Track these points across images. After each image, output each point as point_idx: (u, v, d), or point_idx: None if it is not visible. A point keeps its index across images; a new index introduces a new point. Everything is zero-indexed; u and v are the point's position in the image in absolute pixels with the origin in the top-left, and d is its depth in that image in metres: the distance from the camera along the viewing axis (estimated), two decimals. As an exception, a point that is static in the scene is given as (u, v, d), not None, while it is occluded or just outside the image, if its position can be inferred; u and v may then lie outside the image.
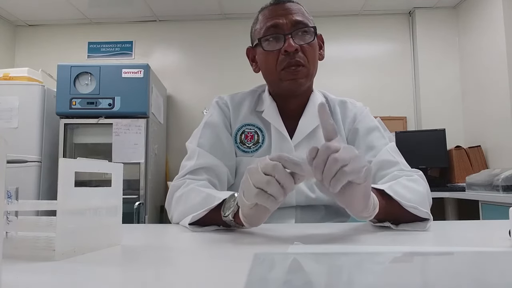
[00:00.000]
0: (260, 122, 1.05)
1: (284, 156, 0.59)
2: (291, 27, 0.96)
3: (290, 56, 0.95)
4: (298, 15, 0.98)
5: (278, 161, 0.59)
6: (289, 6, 0.99)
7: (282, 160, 0.59)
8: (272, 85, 1.05)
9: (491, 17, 3.03)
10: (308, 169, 0.57)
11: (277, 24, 0.97)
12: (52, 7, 3.51)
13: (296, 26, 0.96)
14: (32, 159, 2.79)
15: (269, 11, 1.00)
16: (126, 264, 0.51)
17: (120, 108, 2.87)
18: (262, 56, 1.00)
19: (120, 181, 0.60)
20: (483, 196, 2.32)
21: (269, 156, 0.61)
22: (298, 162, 0.58)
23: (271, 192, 0.58)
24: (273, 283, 0.37)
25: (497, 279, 0.37)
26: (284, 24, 0.96)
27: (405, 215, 0.74)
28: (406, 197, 0.75)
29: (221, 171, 0.99)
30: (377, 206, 0.68)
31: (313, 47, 0.99)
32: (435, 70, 3.50)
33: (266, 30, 0.98)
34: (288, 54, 0.95)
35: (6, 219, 0.53)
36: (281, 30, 0.96)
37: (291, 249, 0.55)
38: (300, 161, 0.58)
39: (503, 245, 0.57)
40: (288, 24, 0.96)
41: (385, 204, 0.71)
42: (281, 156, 0.59)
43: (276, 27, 0.97)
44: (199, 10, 3.59)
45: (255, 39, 1.03)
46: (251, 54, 1.08)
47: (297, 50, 0.95)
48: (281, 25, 0.97)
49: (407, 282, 0.37)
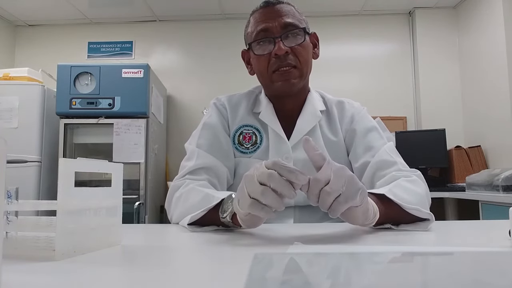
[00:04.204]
0: (257, 123, 1.06)
1: (279, 163, 0.57)
2: (280, 29, 0.96)
3: (280, 59, 0.95)
4: (288, 16, 0.98)
5: (273, 168, 0.57)
6: (279, 8, 0.99)
7: (277, 167, 0.57)
8: (266, 87, 1.06)
9: (491, 17, 3.03)
10: (304, 178, 0.57)
11: (266, 28, 0.97)
12: (52, 7, 3.51)
13: (286, 29, 0.96)
14: (32, 159, 2.79)
15: (259, 14, 1.00)
16: (126, 264, 0.51)
17: (120, 108, 2.87)
18: (255, 59, 1.01)
19: (120, 181, 0.60)
20: (483, 196, 2.32)
21: (265, 162, 0.59)
22: (293, 169, 0.57)
23: (266, 203, 0.57)
24: (273, 283, 0.37)
25: (497, 279, 0.37)
26: (274, 27, 0.96)
27: (405, 217, 0.74)
28: (406, 200, 0.75)
29: (220, 171, 0.99)
30: (377, 213, 0.68)
31: (304, 48, 0.98)
32: (435, 70, 3.50)
33: (257, 34, 0.98)
34: (278, 57, 0.95)
35: (6, 219, 0.53)
36: (271, 34, 0.96)
37: (291, 249, 0.55)
38: (295, 168, 0.57)
39: (503, 245, 0.57)
40: (278, 27, 0.96)
41: (385, 209, 0.71)
42: (276, 163, 0.57)
43: (265, 31, 0.97)
44: (199, 10, 3.59)
45: (247, 43, 1.03)
46: (246, 56, 1.08)
47: (287, 52, 0.95)
48: (270, 28, 0.96)
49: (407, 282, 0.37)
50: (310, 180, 0.57)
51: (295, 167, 0.57)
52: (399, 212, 0.73)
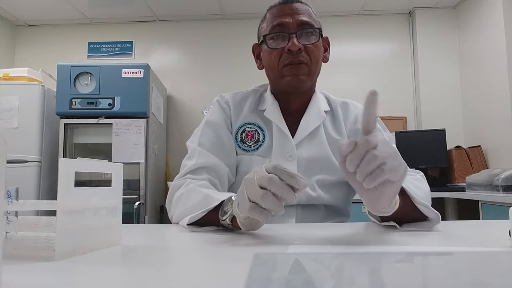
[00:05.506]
0: (261, 121, 1.06)
1: (279, 168, 0.57)
2: (296, 27, 0.97)
3: (293, 55, 0.96)
4: (305, 15, 0.99)
5: (274, 172, 0.57)
6: (297, 6, 1.00)
7: (278, 172, 0.57)
8: (274, 82, 1.06)
9: (491, 17, 3.03)
10: (303, 183, 0.57)
11: (283, 23, 0.98)
12: (52, 7, 3.51)
13: (302, 27, 0.97)
14: (32, 159, 2.79)
15: (277, 10, 1.01)
16: (126, 264, 0.51)
17: (120, 108, 2.87)
18: (266, 53, 1.01)
19: (120, 181, 0.60)
20: (483, 196, 2.32)
21: (265, 166, 0.59)
22: (293, 174, 0.57)
23: (266, 207, 0.57)
24: (274, 283, 0.37)
25: (497, 279, 0.37)
26: (290, 24, 0.98)
27: (409, 213, 0.72)
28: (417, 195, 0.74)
29: (221, 171, 0.99)
30: (397, 203, 0.65)
31: (317, 48, 1.00)
32: (435, 70, 3.50)
33: (272, 28, 0.99)
34: (291, 53, 0.96)
35: (6, 219, 0.53)
36: (287, 29, 0.98)
37: (291, 249, 0.55)
38: (296, 173, 0.57)
39: (503, 245, 0.57)
40: (294, 23, 0.97)
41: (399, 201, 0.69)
42: (276, 167, 0.57)
43: (282, 25, 0.98)
44: (199, 10, 3.59)
45: (261, 36, 1.04)
46: (256, 51, 1.09)
47: (300, 49, 0.96)
48: (287, 24, 0.98)
49: (407, 282, 0.37)
50: (359, 141, 0.55)
51: (295, 172, 0.57)
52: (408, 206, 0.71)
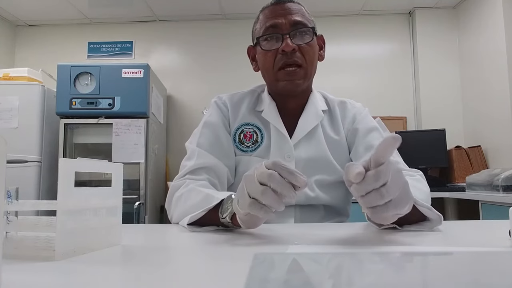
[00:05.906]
0: (259, 121, 1.06)
1: (279, 164, 0.57)
2: (289, 27, 0.97)
3: (287, 56, 0.96)
4: (298, 15, 0.98)
5: (274, 169, 0.57)
6: (289, 6, 0.99)
7: (278, 168, 0.57)
8: (270, 85, 1.06)
9: (491, 17, 3.03)
10: (303, 180, 0.56)
11: (276, 24, 0.97)
12: (52, 7, 3.51)
13: (295, 26, 0.97)
14: (32, 159, 2.79)
15: (269, 11, 1.01)
16: (126, 264, 0.51)
17: (120, 108, 2.87)
18: (261, 55, 1.01)
19: (120, 181, 0.60)
20: (483, 196, 2.32)
21: (265, 162, 0.59)
22: (293, 171, 0.56)
23: (265, 203, 0.57)
24: (273, 283, 0.37)
25: (497, 279, 0.37)
26: (283, 24, 0.97)
27: (411, 216, 0.72)
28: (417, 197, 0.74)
29: (221, 171, 0.99)
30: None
31: (311, 47, 0.99)
32: (435, 70, 3.50)
33: (265, 29, 0.99)
34: (285, 54, 0.96)
35: (6, 219, 0.53)
36: (280, 30, 0.97)
37: (291, 249, 0.55)
38: (295, 170, 0.57)
39: (503, 245, 0.57)
40: (287, 24, 0.97)
41: None
42: (276, 164, 0.57)
43: (274, 27, 0.98)
44: (199, 10, 3.59)
45: (255, 38, 1.03)
46: (251, 53, 1.09)
47: (294, 50, 0.95)
48: (279, 25, 0.97)
49: (407, 282, 0.37)
50: (367, 174, 0.52)
51: (295, 169, 0.57)
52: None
